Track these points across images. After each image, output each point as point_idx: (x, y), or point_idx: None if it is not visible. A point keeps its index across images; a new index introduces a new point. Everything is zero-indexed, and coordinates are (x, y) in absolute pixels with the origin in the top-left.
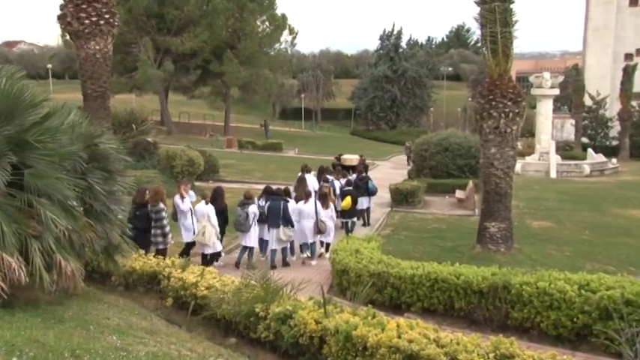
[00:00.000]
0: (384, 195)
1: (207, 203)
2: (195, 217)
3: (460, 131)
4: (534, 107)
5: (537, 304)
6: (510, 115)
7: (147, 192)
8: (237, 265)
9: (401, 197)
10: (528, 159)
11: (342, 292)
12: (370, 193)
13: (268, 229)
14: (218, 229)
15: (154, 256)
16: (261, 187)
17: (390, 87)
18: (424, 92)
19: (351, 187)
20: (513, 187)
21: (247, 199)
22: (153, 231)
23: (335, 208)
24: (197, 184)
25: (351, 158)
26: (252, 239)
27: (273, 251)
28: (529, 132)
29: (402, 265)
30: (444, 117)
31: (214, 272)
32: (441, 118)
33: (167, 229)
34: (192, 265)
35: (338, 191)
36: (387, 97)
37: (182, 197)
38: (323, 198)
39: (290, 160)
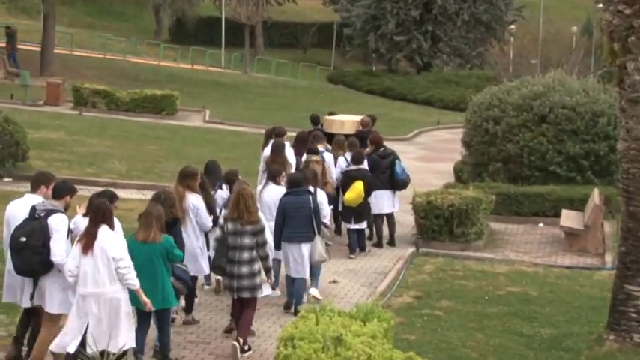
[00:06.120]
0: (400, 217)
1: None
2: None
3: (574, 78)
4: None
5: None
6: None
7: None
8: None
9: (438, 223)
10: None
11: None
12: (397, 184)
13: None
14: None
15: None
16: (129, 194)
17: None
18: None
19: (361, 166)
20: None
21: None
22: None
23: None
24: None
25: (344, 121)
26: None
27: (300, 282)
28: None
29: None
30: (539, 47)
31: None
32: (531, 48)
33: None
34: None
35: (334, 174)
36: (411, 0)
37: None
38: (314, 179)
39: (193, 135)
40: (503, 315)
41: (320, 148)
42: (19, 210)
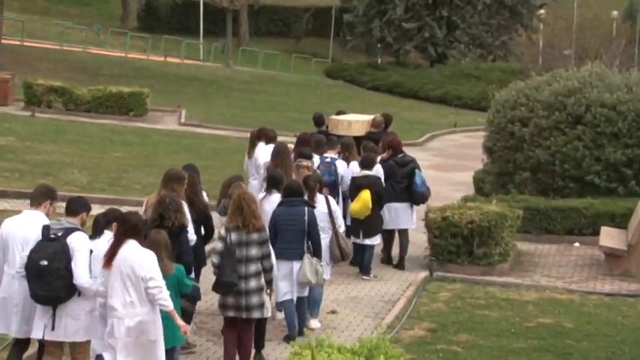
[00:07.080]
0: (411, 235)
1: None
2: None
3: (615, 72)
4: None
5: None
6: None
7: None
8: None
9: (455, 243)
10: None
11: None
12: (415, 197)
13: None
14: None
15: None
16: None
17: None
18: None
19: (369, 172)
20: None
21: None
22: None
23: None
24: None
25: (351, 122)
26: None
27: (290, 303)
28: None
29: None
30: (573, 35)
31: None
32: (564, 36)
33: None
34: None
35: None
36: None
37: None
38: (308, 187)
39: (167, 140)
40: (532, 351)
41: (332, 154)
42: (19, 228)
